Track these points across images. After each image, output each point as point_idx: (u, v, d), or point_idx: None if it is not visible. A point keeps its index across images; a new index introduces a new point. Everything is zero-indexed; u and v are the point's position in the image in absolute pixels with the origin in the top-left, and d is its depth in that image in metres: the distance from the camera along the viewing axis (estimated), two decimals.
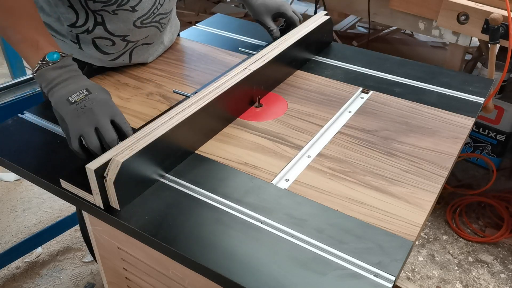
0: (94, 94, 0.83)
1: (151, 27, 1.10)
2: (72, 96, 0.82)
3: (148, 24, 1.09)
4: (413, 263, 1.82)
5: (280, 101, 1.08)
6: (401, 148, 0.93)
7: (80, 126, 0.80)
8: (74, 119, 0.80)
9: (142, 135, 0.82)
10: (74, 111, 0.81)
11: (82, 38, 1.06)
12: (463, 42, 1.68)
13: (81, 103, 0.81)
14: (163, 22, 1.14)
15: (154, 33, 1.13)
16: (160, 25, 1.13)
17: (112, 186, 0.75)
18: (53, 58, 0.85)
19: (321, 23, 1.26)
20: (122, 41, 1.09)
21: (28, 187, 2.16)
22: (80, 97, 0.82)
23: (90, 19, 1.03)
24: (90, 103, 0.82)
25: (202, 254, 0.71)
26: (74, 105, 0.81)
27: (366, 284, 0.66)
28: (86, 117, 0.80)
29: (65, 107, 0.81)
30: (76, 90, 0.83)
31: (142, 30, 1.09)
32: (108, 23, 1.04)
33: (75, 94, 0.82)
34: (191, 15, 3.48)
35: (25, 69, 2.59)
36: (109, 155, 0.77)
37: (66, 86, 0.84)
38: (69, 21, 1.03)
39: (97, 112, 0.81)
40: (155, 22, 1.10)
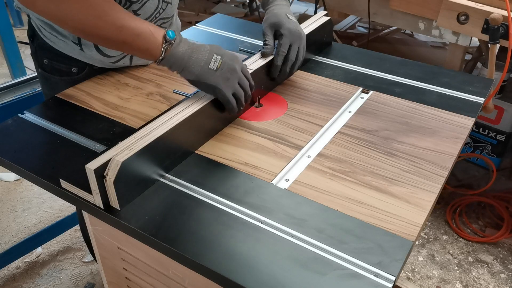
0: (225, 55, 0.92)
1: None
2: (211, 64, 0.90)
3: None
4: (413, 263, 1.82)
5: (280, 101, 1.08)
6: (401, 148, 0.93)
7: (232, 85, 0.92)
8: (225, 83, 0.91)
9: (142, 135, 0.82)
10: (222, 76, 0.91)
11: (84, 40, 1.06)
12: (463, 42, 1.69)
13: (223, 67, 0.91)
14: (164, 26, 1.13)
15: None
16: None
17: (112, 186, 0.75)
18: (172, 36, 0.89)
19: (321, 23, 1.26)
20: None
21: (28, 187, 2.16)
22: (218, 63, 0.91)
23: None
24: (229, 64, 0.91)
25: (202, 254, 0.71)
26: (219, 71, 0.91)
27: (366, 284, 0.66)
28: (233, 78, 0.92)
29: (212, 76, 0.90)
30: (209, 58, 0.91)
31: None
32: None
33: (211, 61, 0.90)
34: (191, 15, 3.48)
35: (25, 69, 2.59)
36: (108, 155, 0.77)
37: (198, 57, 0.90)
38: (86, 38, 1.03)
39: (238, 69, 0.93)
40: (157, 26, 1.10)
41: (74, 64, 1.11)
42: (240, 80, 0.94)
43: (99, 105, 1.06)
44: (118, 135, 0.95)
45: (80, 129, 0.97)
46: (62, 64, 1.12)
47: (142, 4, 1.02)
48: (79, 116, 1.02)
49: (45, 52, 1.11)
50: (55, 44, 1.09)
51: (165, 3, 1.08)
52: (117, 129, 0.98)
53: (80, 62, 1.11)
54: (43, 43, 1.10)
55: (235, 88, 0.93)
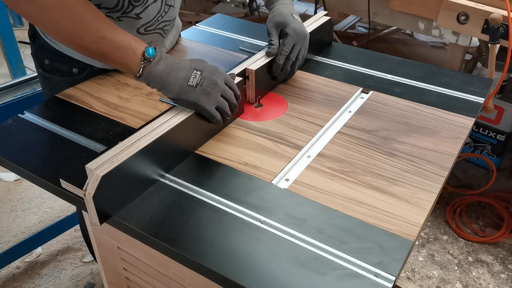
0: (204, 70, 0.90)
1: (155, 33, 1.10)
2: (190, 81, 0.88)
3: (151, 31, 1.08)
4: (413, 263, 1.82)
5: (280, 101, 1.08)
6: (401, 148, 0.93)
7: (213, 98, 0.90)
8: (206, 98, 0.89)
9: (142, 135, 0.82)
10: (203, 92, 0.88)
11: None
12: (463, 42, 1.69)
13: (203, 82, 0.89)
14: (166, 29, 1.13)
15: (157, 39, 1.13)
16: (163, 31, 1.13)
17: (91, 201, 0.73)
18: (151, 54, 0.87)
19: (321, 23, 1.26)
20: None
21: (28, 187, 2.16)
22: (198, 79, 0.88)
23: None
24: (209, 79, 0.89)
25: (202, 254, 0.71)
26: (199, 86, 0.88)
27: (366, 284, 0.66)
28: (215, 92, 0.90)
29: (192, 92, 0.88)
30: (188, 74, 0.88)
31: (146, 37, 1.08)
32: None
33: (191, 78, 0.88)
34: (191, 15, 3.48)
35: (25, 69, 2.59)
36: (108, 155, 0.77)
37: (176, 75, 0.88)
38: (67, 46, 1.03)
39: (219, 82, 0.90)
40: (159, 29, 1.10)
41: (75, 65, 1.11)
42: (223, 93, 0.91)
43: (99, 105, 1.06)
44: (118, 135, 0.95)
45: (80, 129, 0.97)
46: (63, 64, 1.12)
47: (144, 8, 1.02)
48: (79, 116, 1.02)
49: (46, 52, 1.11)
50: (56, 44, 1.09)
51: (167, 6, 1.08)
52: (117, 129, 0.98)
53: (81, 62, 1.11)
54: (44, 43, 1.10)
55: (217, 101, 0.91)
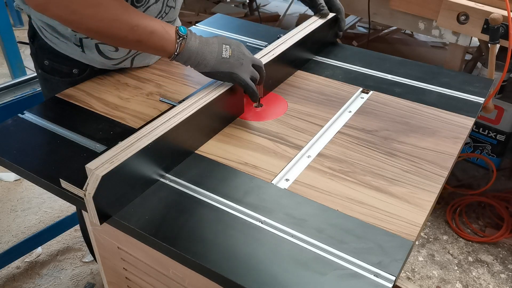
0: (232, 43, 0.95)
1: None
2: (223, 54, 0.93)
3: None
4: (413, 263, 1.82)
5: (280, 101, 1.08)
6: (401, 148, 0.93)
7: (247, 68, 0.95)
8: (240, 68, 0.94)
9: (142, 135, 0.82)
10: (237, 62, 0.94)
11: (85, 42, 1.06)
12: (463, 42, 1.68)
13: (234, 54, 0.94)
14: None
15: None
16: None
17: (91, 201, 0.73)
18: (184, 31, 0.91)
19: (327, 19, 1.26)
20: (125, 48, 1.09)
21: (28, 187, 2.16)
22: (229, 52, 0.93)
23: None
24: (238, 51, 0.95)
25: (202, 254, 0.71)
26: (232, 58, 0.93)
27: (366, 284, 0.66)
28: (246, 62, 0.95)
29: (227, 64, 0.93)
30: (220, 48, 0.93)
31: None
32: None
33: (223, 51, 0.93)
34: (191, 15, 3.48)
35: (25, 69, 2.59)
36: (108, 155, 0.77)
37: (210, 49, 0.93)
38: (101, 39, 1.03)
39: (247, 54, 0.96)
40: None
41: (75, 66, 1.11)
42: (254, 62, 0.97)
43: (99, 105, 1.06)
44: (118, 135, 0.95)
45: (80, 129, 0.97)
46: (63, 65, 1.11)
47: (146, 8, 1.02)
48: (79, 116, 1.02)
49: (46, 53, 1.11)
50: (56, 45, 1.09)
51: (168, 7, 1.08)
52: (117, 129, 0.98)
53: (81, 63, 1.11)
54: (44, 44, 1.10)
55: (250, 71, 0.96)
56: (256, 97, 0.98)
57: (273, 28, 1.49)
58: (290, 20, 3.43)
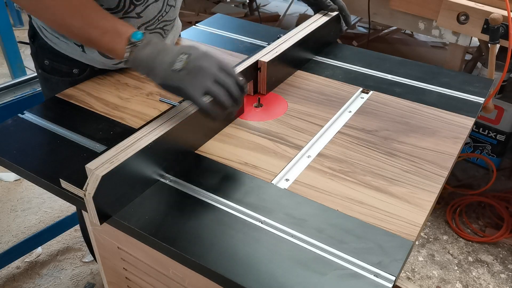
0: (193, 53, 0.83)
1: (155, 33, 1.10)
2: (175, 65, 0.81)
3: (151, 30, 1.09)
4: (413, 263, 1.82)
5: (280, 101, 1.08)
6: (401, 148, 0.93)
7: (200, 83, 0.81)
8: (190, 82, 0.81)
9: (142, 135, 0.82)
10: (187, 76, 0.81)
11: None
12: (463, 42, 1.69)
13: (188, 66, 0.81)
14: (166, 29, 1.14)
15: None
16: (163, 31, 1.13)
17: (91, 201, 0.73)
18: (138, 37, 0.84)
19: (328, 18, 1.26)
20: None
21: (28, 187, 2.16)
22: (183, 63, 0.81)
23: None
24: (196, 62, 0.81)
25: (202, 254, 0.71)
26: (183, 71, 0.81)
27: (366, 284, 0.66)
28: (201, 76, 0.81)
29: (176, 77, 0.81)
30: (174, 58, 0.82)
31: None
32: None
33: (176, 62, 0.82)
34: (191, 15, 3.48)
35: (25, 69, 2.59)
36: (108, 155, 0.77)
37: (162, 59, 0.83)
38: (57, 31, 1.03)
39: (207, 66, 0.81)
40: (159, 28, 1.10)
41: (75, 65, 1.11)
42: (215, 78, 0.82)
43: (99, 105, 1.06)
44: (118, 135, 0.95)
45: (80, 129, 0.97)
46: (63, 65, 1.12)
47: (145, 7, 1.02)
48: (79, 116, 1.02)
49: (46, 53, 1.11)
50: (57, 45, 1.09)
51: (168, 6, 1.08)
52: (117, 129, 0.98)
53: (81, 63, 1.11)
54: (44, 43, 1.10)
55: (205, 86, 0.81)
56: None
57: (273, 28, 1.49)
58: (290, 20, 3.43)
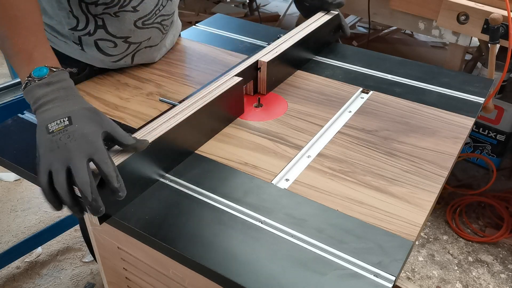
0: (75, 126, 0.71)
1: (153, 28, 1.10)
2: (51, 124, 0.72)
3: (149, 25, 1.09)
4: (413, 263, 1.82)
5: (280, 101, 1.08)
6: (401, 148, 0.93)
7: (51, 161, 0.69)
8: (46, 152, 0.70)
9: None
10: (49, 143, 0.70)
11: (84, 40, 1.06)
12: (463, 42, 1.69)
13: (58, 135, 0.70)
14: (165, 24, 1.13)
15: (156, 35, 1.13)
16: (162, 26, 1.13)
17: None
18: (40, 74, 0.75)
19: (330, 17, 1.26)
20: (124, 43, 1.09)
21: (28, 187, 2.16)
22: (59, 127, 0.71)
23: (90, 23, 1.03)
24: (66, 137, 0.70)
25: (202, 254, 0.71)
26: (51, 135, 0.71)
27: (366, 284, 0.66)
28: (59, 152, 0.69)
29: (42, 135, 0.72)
30: (58, 117, 0.72)
31: (144, 31, 1.08)
32: (109, 26, 1.04)
33: (55, 122, 0.72)
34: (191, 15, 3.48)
35: None
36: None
37: (50, 109, 0.74)
38: (70, 25, 1.03)
39: (71, 149, 0.69)
40: (157, 23, 1.10)
41: (74, 65, 1.11)
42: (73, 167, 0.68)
43: (99, 105, 1.06)
44: None
45: None
46: (62, 64, 1.11)
47: (141, 0, 1.02)
48: None
49: None
50: (55, 44, 1.09)
51: (165, 0, 1.08)
52: None
53: (81, 62, 1.11)
54: None
55: (53, 167, 0.69)
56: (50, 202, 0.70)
57: (273, 28, 1.49)
58: (290, 20, 3.43)
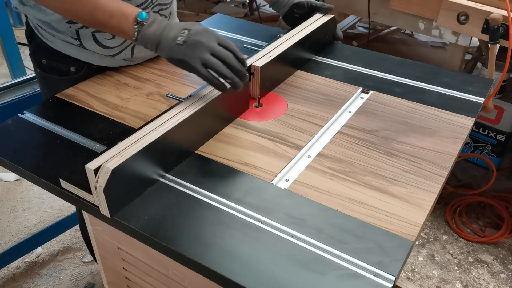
0: (194, 28, 0.91)
1: None
2: (178, 39, 0.90)
3: None
4: (413, 263, 1.82)
5: (280, 101, 1.08)
6: (401, 148, 0.93)
7: (198, 55, 0.90)
8: (190, 53, 0.90)
9: (142, 135, 0.82)
10: (188, 48, 0.90)
11: (82, 33, 1.06)
12: (463, 42, 1.68)
13: (188, 41, 0.90)
14: (163, 13, 1.13)
15: None
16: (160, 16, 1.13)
17: (102, 194, 0.74)
18: (144, 17, 0.91)
19: (325, 21, 1.26)
20: None
21: (28, 187, 2.16)
22: (184, 37, 0.90)
23: None
24: (195, 36, 0.90)
25: (202, 254, 0.71)
26: (184, 44, 0.90)
27: (366, 284, 0.66)
28: (199, 48, 0.90)
29: (179, 50, 0.91)
30: (177, 33, 0.91)
31: None
32: None
33: (179, 36, 0.91)
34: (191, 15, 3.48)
35: (25, 69, 2.59)
36: (108, 155, 0.77)
37: (168, 33, 0.91)
38: (66, 18, 1.03)
39: (205, 41, 0.90)
40: (154, 13, 1.10)
41: (72, 63, 1.11)
42: (212, 50, 0.90)
43: (99, 105, 1.06)
44: (118, 135, 0.95)
45: (80, 129, 0.97)
46: (60, 63, 1.12)
47: None
48: (79, 116, 1.02)
49: (43, 52, 1.11)
50: (53, 43, 1.09)
51: None
52: (117, 129, 0.98)
53: (78, 61, 1.11)
54: (41, 42, 1.10)
55: (203, 58, 0.90)
56: (217, 86, 0.92)
57: (273, 28, 1.49)
58: None
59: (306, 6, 1.28)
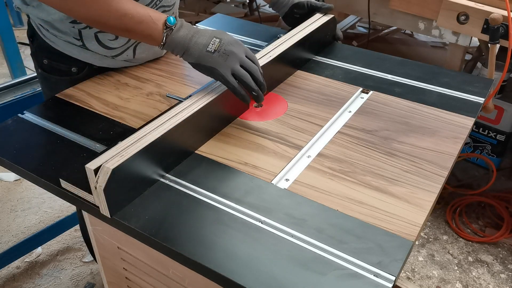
0: (225, 38, 0.94)
1: None
2: (209, 47, 0.92)
3: None
4: (413, 263, 1.82)
5: (280, 101, 1.08)
6: (401, 148, 0.93)
7: (230, 65, 0.92)
8: (223, 63, 0.92)
9: (142, 135, 0.82)
10: (220, 58, 0.92)
11: (84, 33, 1.06)
12: (463, 42, 1.68)
13: (221, 49, 0.92)
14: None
15: None
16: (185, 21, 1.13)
17: (102, 194, 0.74)
18: (173, 22, 0.93)
19: (325, 21, 1.26)
20: None
21: (28, 187, 2.16)
22: (216, 45, 0.92)
23: None
24: (227, 46, 0.93)
25: (202, 254, 0.71)
26: (216, 53, 0.92)
27: (366, 284, 0.66)
28: (231, 58, 0.92)
29: (210, 57, 0.92)
30: (208, 41, 0.93)
31: None
32: None
33: (210, 44, 0.92)
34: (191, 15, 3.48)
35: (25, 69, 2.59)
36: (108, 155, 0.77)
37: (197, 41, 0.93)
38: (70, 18, 1.03)
39: (237, 52, 0.93)
40: None
41: (74, 64, 1.11)
42: (243, 63, 0.93)
43: (99, 105, 1.06)
44: (118, 135, 0.95)
45: (80, 129, 0.97)
46: (61, 63, 1.12)
47: None
48: (79, 116, 1.02)
49: (44, 52, 1.11)
50: (55, 43, 1.09)
51: None
52: (117, 129, 0.98)
53: (80, 61, 1.11)
54: (43, 42, 1.10)
55: (234, 68, 0.92)
56: (242, 97, 0.94)
57: (273, 28, 1.49)
58: None
59: (306, 6, 1.28)
